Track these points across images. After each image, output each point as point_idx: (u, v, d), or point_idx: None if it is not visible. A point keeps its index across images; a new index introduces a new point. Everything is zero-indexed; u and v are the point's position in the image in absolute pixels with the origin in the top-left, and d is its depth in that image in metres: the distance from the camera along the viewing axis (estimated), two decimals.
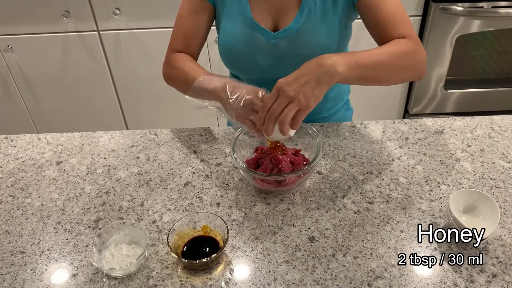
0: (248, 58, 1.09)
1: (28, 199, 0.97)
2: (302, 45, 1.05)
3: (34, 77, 2.14)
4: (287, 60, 1.07)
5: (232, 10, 1.06)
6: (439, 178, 0.97)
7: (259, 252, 0.83)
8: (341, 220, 0.88)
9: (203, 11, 1.08)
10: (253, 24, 1.05)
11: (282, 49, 1.06)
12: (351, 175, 0.99)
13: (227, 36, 1.08)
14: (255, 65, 1.09)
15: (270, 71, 1.09)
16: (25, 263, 0.83)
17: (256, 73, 1.12)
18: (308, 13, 1.03)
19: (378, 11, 0.98)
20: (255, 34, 1.06)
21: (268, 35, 1.05)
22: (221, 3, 1.07)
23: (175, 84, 1.10)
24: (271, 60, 1.08)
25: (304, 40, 1.05)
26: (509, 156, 1.02)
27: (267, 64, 1.09)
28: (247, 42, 1.07)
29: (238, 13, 1.05)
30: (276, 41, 1.05)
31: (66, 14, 1.93)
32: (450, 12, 1.91)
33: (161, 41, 2.02)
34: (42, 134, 1.16)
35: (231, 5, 1.06)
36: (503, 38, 2.05)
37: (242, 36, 1.06)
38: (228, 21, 1.07)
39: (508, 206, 0.89)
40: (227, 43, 1.08)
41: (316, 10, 1.03)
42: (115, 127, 2.31)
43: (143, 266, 0.81)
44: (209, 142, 1.11)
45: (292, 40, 1.05)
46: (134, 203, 0.94)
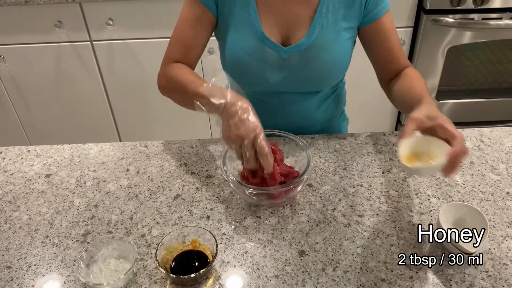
0: (256, 72, 1.07)
1: (16, 212, 0.96)
2: (314, 61, 1.04)
3: (27, 87, 2.13)
4: (296, 75, 1.06)
5: (240, 22, 1.03)
6: (429, 191, 0.97)
7: (249, 267, 0.82)
8: (331, 233, 0.88)
9: (205, 22, 1.05)
10: (263, 38, 1.02)
11: (292, 64, 1.05)
12: (341, 187, 0.99)
13: (235, 49, 1.05)
14: (263, 79, 1.07)
15: (277, 85, 1.08)
16: (12, 278, 0.82)
17: (263, 87, 1.10)
18: (320, 29, 1.02)
19: (387, 39, 1.06)
20: (265, 48, 1.03)
21: (279, 50, 1.03)
22: (227, 15, 1.04)
23: (172, 97, 1.07)
24: (280, 74, 1.06)
25: (316, 56, 1.04)
26: (499, 168, 1.03)
27: (275, 78, 1.07)
28: (256, 56, 1.04)
29: (246, 26, 1.03)
30: (286, 55, 1.04)
31: (58, 24, 1.93)
32: (441, 23, 1.93)
33: (154, 51, 2.02)
34: (32, 146, 1.15)
35: (239, 17, 1.03)
36: (495, 48, 2.07)
37: (251, 50, 1.04)
38: (235, 33, 1.04)
39: (498, 219, 0.90)
40: (234, 56, 1.06)
41: (328, 26, 1.02)
42: (107, 137, 2.31)
43: (131, 281, 0.80)
44: (200, 154, 1.10)
45: (303, 56, 1.04)
46: (123, 216, 0.94)
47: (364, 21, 1.05)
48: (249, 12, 1.02)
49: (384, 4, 1.04)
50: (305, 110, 1.15)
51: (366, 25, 1.05)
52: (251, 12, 1.02)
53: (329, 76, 1.10)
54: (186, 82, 0.99)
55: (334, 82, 1.14)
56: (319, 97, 1.15)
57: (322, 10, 1.01)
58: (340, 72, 1.12)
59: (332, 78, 1.11)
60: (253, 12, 1.02)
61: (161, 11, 1.91)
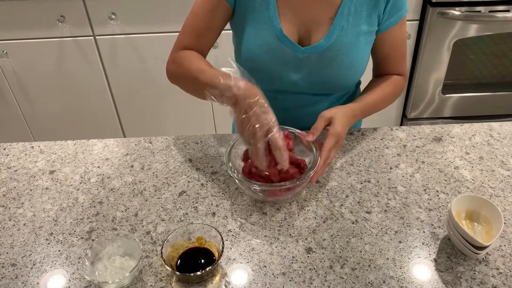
0: (271, 69, 1.04)
1: (20, 209, 0.95)
2: (332, 63, 1.02)
3: (29, 83, 2.13)
4: (311, 77, 1.04)
5: (258, 17, 1.00)
6: (438, 187, 0.96)
7: (255, 264, 0.81)
8: (339, 230, 0.87)
9: (220, 11, 1.02)
10: (281, 36, 1.00)
11: (308, 65, 1.03)
12: (348, 183, 0.97)
13: (251, 45, 1.02)
14: (277, 78, 1.06)
15: (291, 85, 1.07)
16: (16, 275, 0.81)
17: (276, 85, 1.08)
18: (340, 31, 0.99)
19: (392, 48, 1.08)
20: (282, 47, 1.01)
21: (297, 50, 1.01)
22: (245, 7, 1.01)
23: (181, 84, 1.04)
24: (295, 74, 1.04)
25: (334, 59, 1.01)
26: (508, 164, 1.01)
27: (289, 78, 1.05)
28: (272, 54, 1.02)
29: (265, 22, 1.00)
30: (303, 56, 1.01)
31: (61, 19, 1.92)
32: (447, 16, 1.91)
33: (157, 46, 2.02)
34: (35, 143, 1.14)
35: (257, 12, 1.00)
36: (501, 41, 2.04)
37: (268, 48, 1.01)
38: (253, 28, 1.01)
39: (508, 215, 0.88)
40: (251, 51, 1.03)
41: (348, 29, 0.99)
42: (111, 132, 2.30)
43: (137, 279, 0.79)
44: (205, 150, 1.09)
45: (321, 57, 1.01)
46: (128, 213, 0.93)
47: (380, 28, 1.03)
48: (268, 8, 0.99)
49: (401, 12, 1.02)
50: (317, 110, 1.13)
51: (379, 33, 1.04)
52: (270, 8, 0.99)
53: (345, 80, 1.07)
54: (197, 70, 0.96)
55: (349, 85, 1.12)
56: (332, 98, 1.13)
57: (344, 12, 0.98)
58: (356, 76, 1.09)
59: (348, 82, 1.09)
60: (273, 8, 0.99)
61: (164, 6, 1.89)
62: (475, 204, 0.83)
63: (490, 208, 0.81)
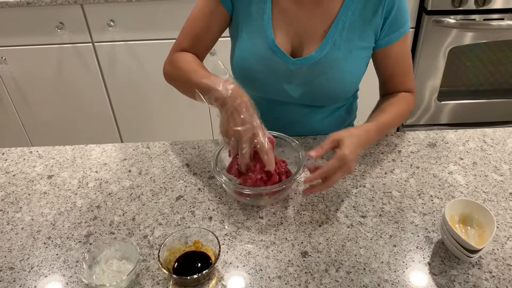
0: (264, 79, 1.05)
1: (18, 213, 0.96)
2: (322, 76, 1.02)
3: (28, 89, 2.13)
4: (301, 88, 1.05)
5: (253, 26, 1.01)
6: (432, 192, 0.97)
7: (251, 268, 0.82)
8: (334, 234, 0.88)
9: (218, 17, 1.04)
10: (273, 47, 1.00)
11: (299, 76, 1.03)
12: (344, 188, 0.98)
13: (245, 53, 1.04)
14: (270, 87, 1.06)
15: (282, 95, 1.07)
16: (14, 279, 0.82)
17: (267, 94, 1.09)
18: (332, 45, 0.99)
19: (396, 64, 1.06)
20: (274, 57, 1.01)
21: (288, 61, 1.01)
22: (242, 15, 1.02)
23: (176, 85, 1.05)
24: (288, 85, 1.05)
25: (325, 72, 1.01)
26: (502, 169, 1.02)
27: (280, 88, 1.06)
28: (264, 64, 1.03)
29: (258, 31, 1.01)
30: (294, 67, 1.02)
31: (60, 25, 1.93)
32: (443, 24, 1.93)
33: (155, 53, 2.03)
34: (34, 148, 1.15)
35: (253, 21, 1.01)
36: (496, 49, 2.06)
37: (260, 57, 1.02)
38: (247, 36, 1.03)
39: (501, 220, 0.89)
40: (244, 60, 1.04)
41: (341, 44, 0.99)
42: (109, 139, 2.31)
43: (134, 282, 0.80)
44: (202, 155, 1.10)
45: (312, 70, 1.01)
46: (126, 217, 0.94)
47: (378, 44, 1.02)
48: (263, 17, 1.00)
49: (403, 30, 1.01)
50: (309, 122, 1.14)
51: (378, 48, 1.03)
52: (265, 17, 1.00)
53: (336, 93, 1.07)
54: (190, 71, 0.98)
55: (341, 99, 1.12)
56: (325, 110, 1.13)
57: (338, 26, 0.98)
58: (348, 90, 1.09)
59: (340, 95, 1.09)
60: (267, 18, 1.00)
61: (163, 13, 1.91)
62: (468, 209, 0.84)
63: (483, 212, 0.83)
